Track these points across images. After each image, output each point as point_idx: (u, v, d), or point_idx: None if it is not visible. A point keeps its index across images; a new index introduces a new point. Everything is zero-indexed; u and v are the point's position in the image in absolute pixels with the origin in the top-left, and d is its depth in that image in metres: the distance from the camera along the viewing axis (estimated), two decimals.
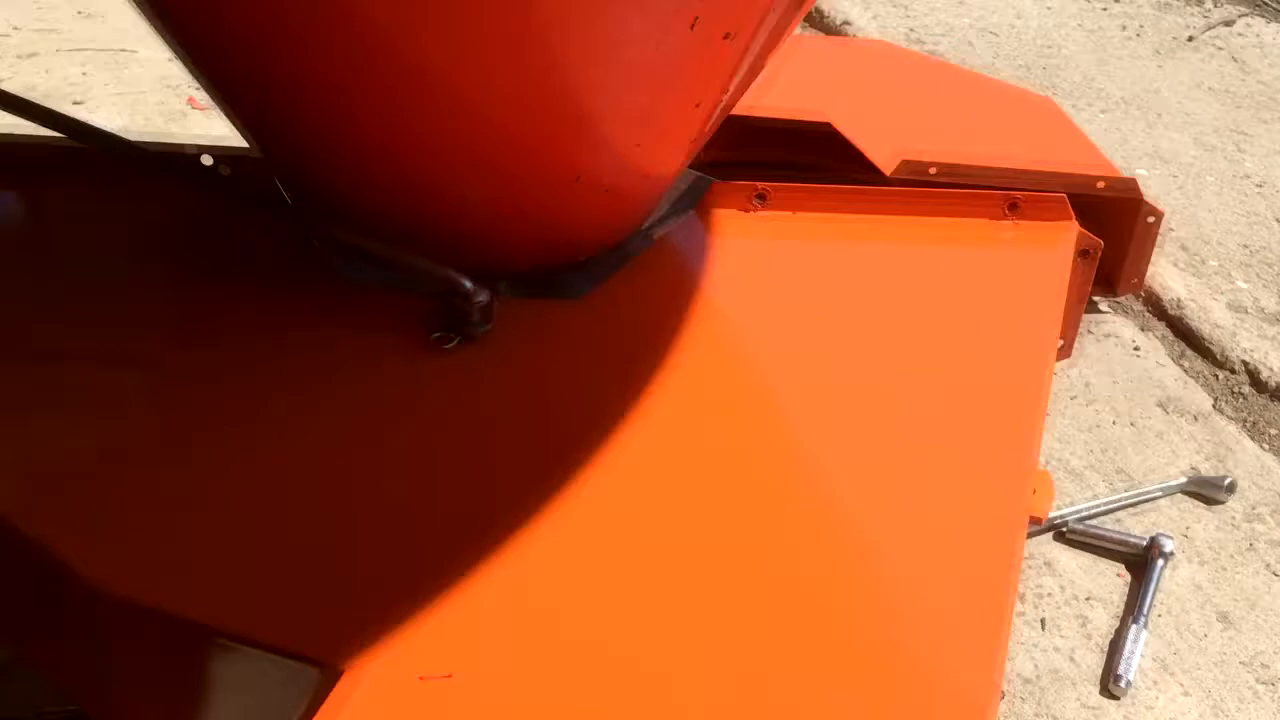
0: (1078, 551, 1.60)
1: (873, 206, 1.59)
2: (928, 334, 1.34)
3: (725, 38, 1.09)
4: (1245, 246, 2.33)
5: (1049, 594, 1.53)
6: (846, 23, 3.34)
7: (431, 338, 1.23)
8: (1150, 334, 2.07)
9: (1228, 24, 3.62)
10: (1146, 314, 2.12)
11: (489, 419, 1.17)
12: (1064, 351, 1.78)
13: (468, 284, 1.22)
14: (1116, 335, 2.05)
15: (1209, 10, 3.70)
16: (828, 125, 1.92)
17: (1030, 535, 1.59)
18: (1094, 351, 2.01)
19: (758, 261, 1.46)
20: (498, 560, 0.99)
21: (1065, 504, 1.66)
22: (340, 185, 1.22)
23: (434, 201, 1.21)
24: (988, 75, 2.77)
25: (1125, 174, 1.97)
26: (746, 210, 1.53)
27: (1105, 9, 3.66)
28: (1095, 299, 2.11)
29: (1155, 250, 1.96)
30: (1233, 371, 1.96)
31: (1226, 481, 1.69)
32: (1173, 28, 3.57)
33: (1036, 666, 1.42)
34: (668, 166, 1.34)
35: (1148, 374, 1.96)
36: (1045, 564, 1.58)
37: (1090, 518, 1.64)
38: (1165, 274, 2.17)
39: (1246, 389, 1.93)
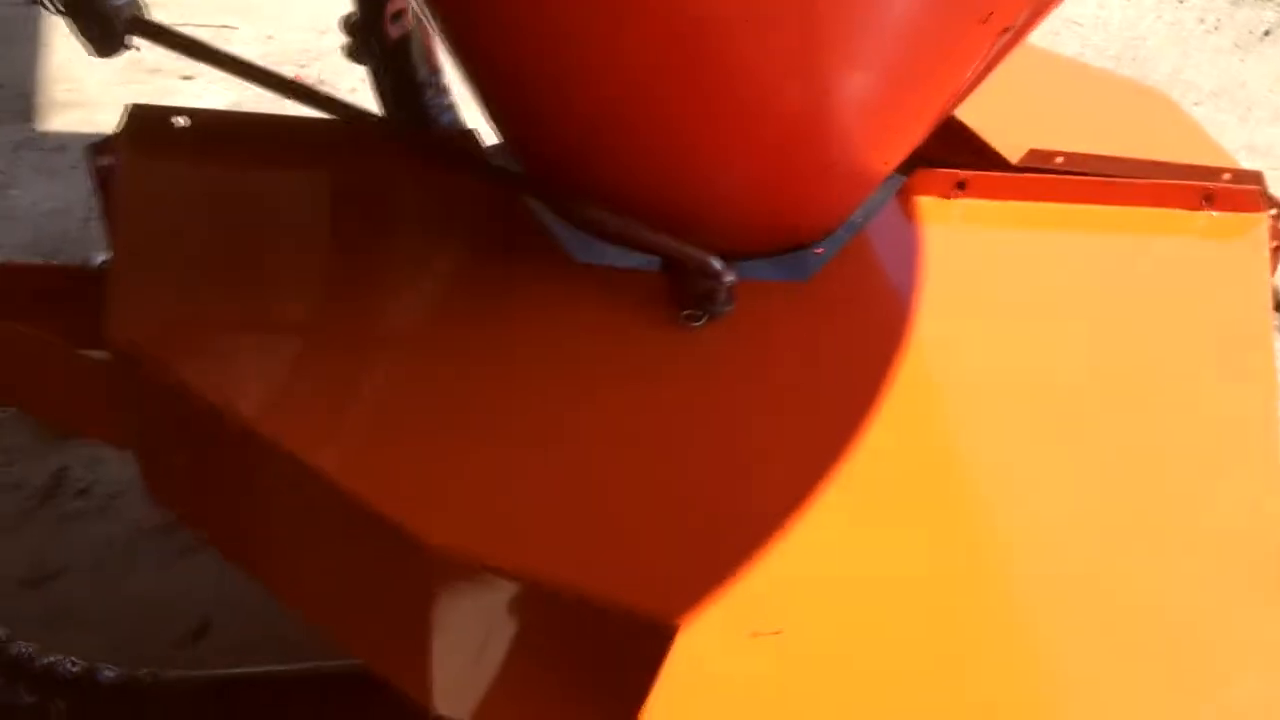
0: None
1: (1070, 195, 1.63)
2: (1143, 328, 1.38)
3: (1004, 31, 1.13)
4: None
5: None
6: None
7: (682, 315, 1.27)
8: None
9: None
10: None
11: (754, 392, 1.21)
12: None
13: (717, 264, 1.25)
14: None
15: None
16: (951, 117, 1.96)
17: None
18: None
19: (963, 247, 1.50)
20: (811, 522, 1.03)
21: None
22: (595, 172, 1.26)
23: (697, 191, 1.24)
24: (1104, 70, 2.81)
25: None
26: (948, 196, 1.57)
27: (1181, 1, 3.71)
28: None
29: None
30: None
31: None
32: (1248, 21, 3.61)
33: None
34: (903, 154, 1.38)
35: None
36: None
37: None
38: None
39: None
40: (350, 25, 1.68)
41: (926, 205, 1.54)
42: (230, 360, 1.16)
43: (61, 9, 1.26)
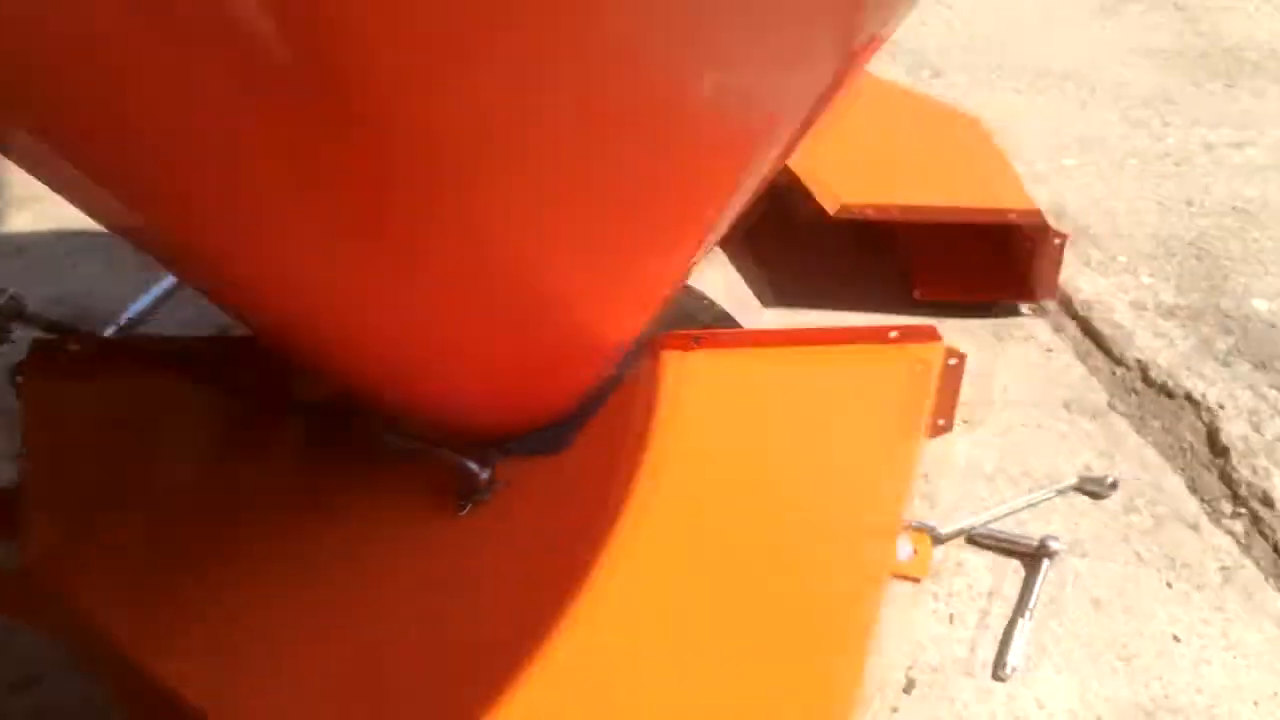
0: (985, 552, 1.98)
1: (783, 340, 1.92)
2: (812, 454, 1.70)
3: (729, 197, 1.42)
4: (1154, 236, 2.65)
5: (957, 591, 1.91)
6: None
7: (450, 502, 1.57)
8: (1062, 335, 2.42)
9: None
10: (1061, 315, 2.47)
11: (501, 575, 1.51)
12: (946, 427, 2.11)
13: (471, 465, 1.55)
14: (1034, 337, 2.40)
15: None
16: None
17: (946, 540, 1.97)
18: (1014, 354, 2.36)
19: (696, 397, 1.79)
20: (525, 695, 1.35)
21: (980, 508, 2.04)
22: (350, 385, 1.55)
23: (448, 399, 1.53)
24: (922, 95, 3.06)
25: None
26: (688, 349, 1.86)
27: None
28: (1017, 304, 2.46)
29: (1069, 253, 2.32)
30: (1128, 369, 2.32)
31: (1109, 480, 2.06)
32: None
33: (942, 656, 1.81)
34: (653, 320, 1.68)
35: (1057, 375, 2.31)
36: (957, 565, 1.96)
37: (995, 521, 2.02)
38: (1078, 275, 2.51)
39: (1138, 385, 2.29)
40: None
41: (668, 359, 1.84)
42: (114, 582, 1.48)
43: None
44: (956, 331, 2.39)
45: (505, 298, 1.28)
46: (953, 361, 1.89)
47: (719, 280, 2.55)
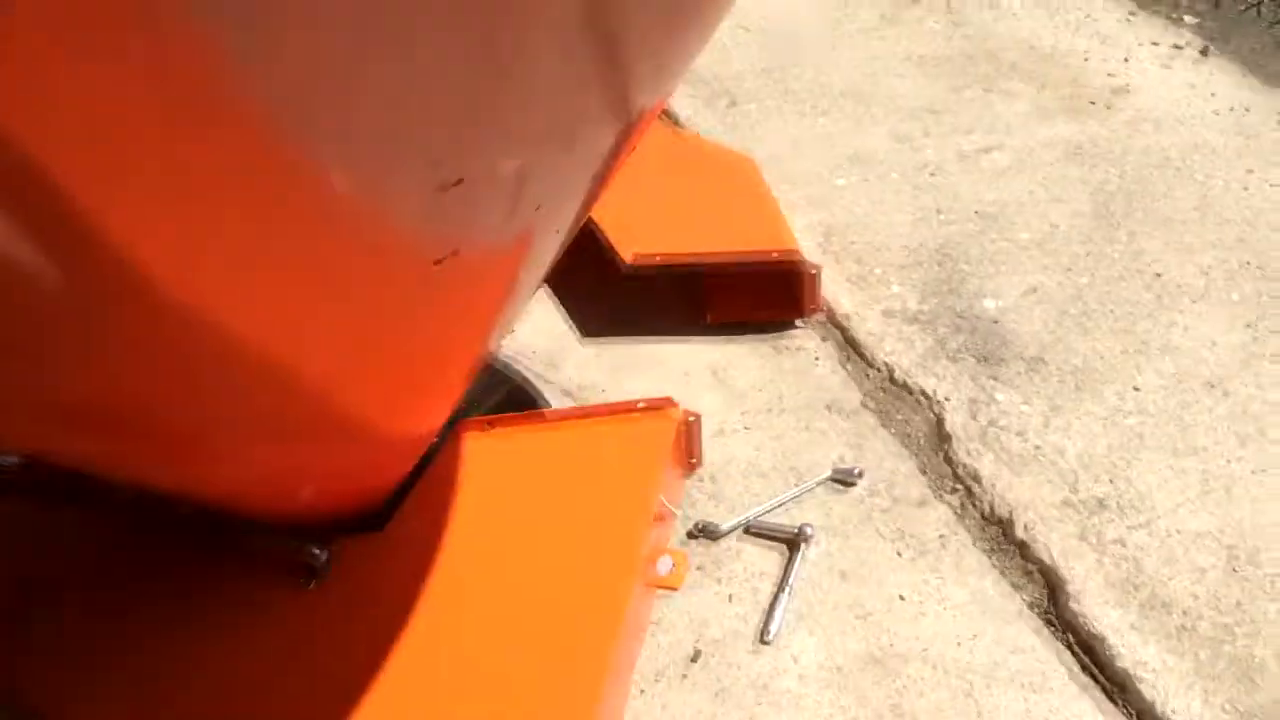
0: (759, 541, 2.49)
1: (552, 420, 2.40)
2: (577, 504, 2.16)
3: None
4: (905, 247, 3.16)
5: (735, 575, 2.42)
6: None
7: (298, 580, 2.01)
8: (828, 344, 2.93)
9: None
10: (827, 327, 2.98)
11: (335, 633, 1.91)
12: (697, 463, 2.57)
13: (313, 549, 1.96)
14: (805, 349, 2.91)
15: None
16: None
17: (728, 533, 2.48)
18: (788, 365, 2.87)
19: (487, 476, 2.19)
20: None
21: (755, 503, 2.54)
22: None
23: (277, 513, 1.88)
24: (699, 138, 3.51)
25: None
26: (484, 431, 2.33)
27: None
28: (792, 321, 2.96)
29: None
30: (878, 371, 2.83)
31: (856, 470, 2.58)
32: None
33: (723, 630, 2.32)
34: (458, 401, 2.13)
35: (822, 381, 2.82)
36: (736, 553, 2.46)
37: (767, 513, 2.52)
38: (840, 291, 3.01)
39: (886, 385, 2.81)
40: None
41: (468, 440, 2.26)
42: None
43: None
44: (745, 347, 2.89)
45: (305, 430, 1.47)
46: (691, 419, 2.42)
47: (544, 319, 3.01)
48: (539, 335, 2.93)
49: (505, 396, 2.67)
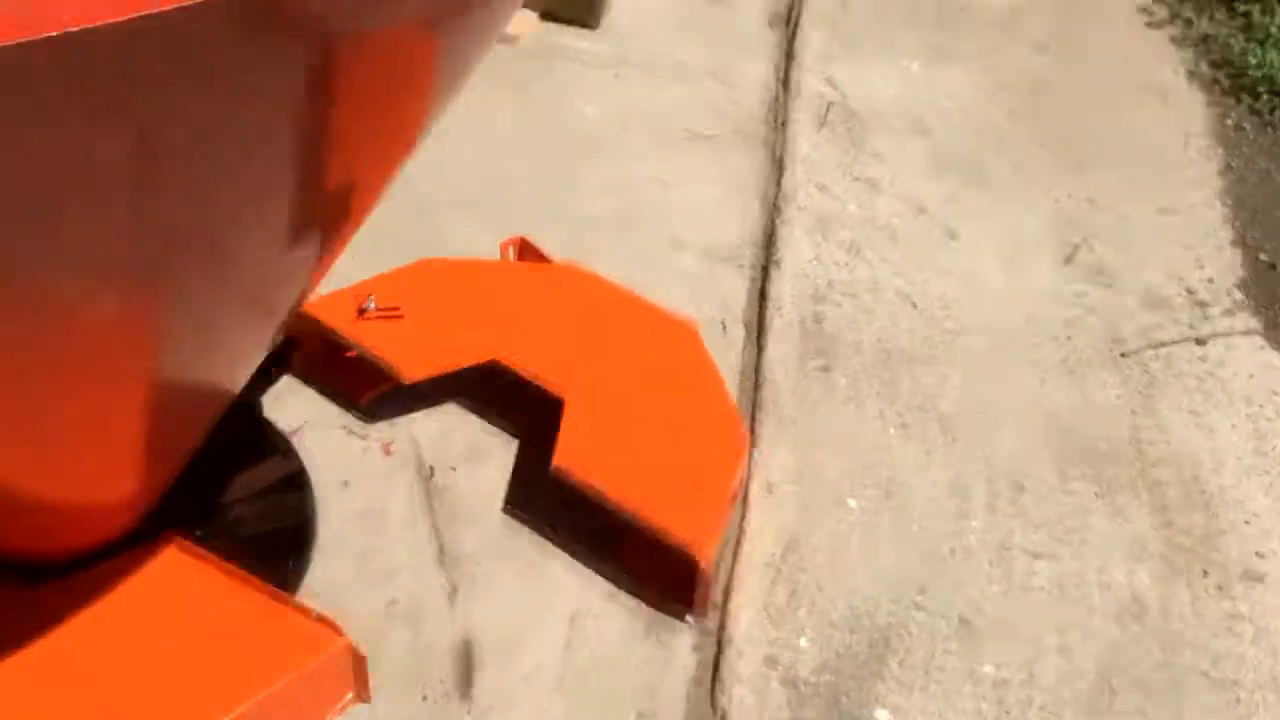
0: None
1: (237, 576, 2.26)
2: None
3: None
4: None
5: None
6: None
7: None
8: (699, 654, 2.58)
9: None
10: (711, 638, 2.63)
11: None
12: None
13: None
14: (670, 646, 2.57)
15: None
16: None
17: None
18: (643, 654, 2.54)
19: (147, 588, 2.14)
20: None
21: None
22: None
23: None
24: (643, 300, 3.11)
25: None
26: (180, 549, 2.26)
27: None
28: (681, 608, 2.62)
29: None
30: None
31: None
32: None
33: None
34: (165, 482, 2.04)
35: (658, 687, 2.48)
36: None
37: None
38: (747, 611, 2.66)
39: None
40: None
41: (166, 547, 2.21)
42: None
43: None
44: (621, 612, 2.58)
45: None
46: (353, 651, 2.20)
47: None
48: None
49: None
